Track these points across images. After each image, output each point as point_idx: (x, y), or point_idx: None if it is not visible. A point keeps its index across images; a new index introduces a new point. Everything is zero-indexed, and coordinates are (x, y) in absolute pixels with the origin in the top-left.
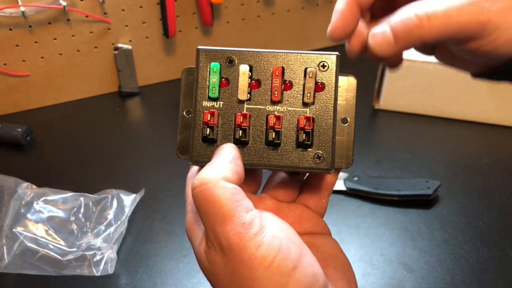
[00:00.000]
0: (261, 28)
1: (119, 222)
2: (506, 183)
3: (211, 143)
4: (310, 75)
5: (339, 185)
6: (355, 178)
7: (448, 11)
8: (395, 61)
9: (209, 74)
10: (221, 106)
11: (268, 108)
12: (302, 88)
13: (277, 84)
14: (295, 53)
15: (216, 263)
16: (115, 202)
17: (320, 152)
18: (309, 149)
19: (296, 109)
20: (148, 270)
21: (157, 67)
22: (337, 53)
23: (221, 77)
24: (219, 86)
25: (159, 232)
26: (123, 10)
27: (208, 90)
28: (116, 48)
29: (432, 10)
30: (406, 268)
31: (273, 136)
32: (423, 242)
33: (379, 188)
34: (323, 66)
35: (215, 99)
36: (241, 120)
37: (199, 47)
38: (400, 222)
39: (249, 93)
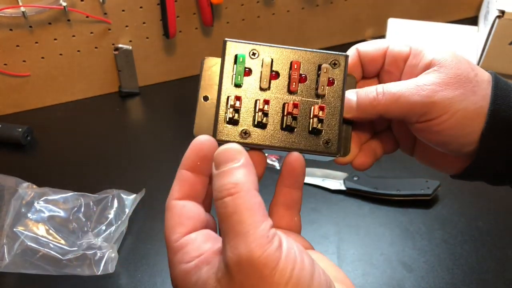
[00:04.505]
0: (261, 28)
1: (119, 222)
2: None
3: (235, 124)
4: (325, 71)
5: (339, 185)
6: (355, 178)
7: (401, 89)
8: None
9: (236, 63)
10: (243, 92)
11: (285, 97)
12: (315, 82)
13: (295, 76)
14: (310, 50)
15: (229, 284)
16: (115, 202)
17: (329, 138)
18: (319, 135)
19: (309, 99)
20: (148, 270)
21: (157, 67)
22: (347, 54)
23: (245, 67)
24: (243, 75)
25: (159, 232)
26: (123, 10)
27: (234, 77)
28: (117, 49)
29: (388, 88)
30: (405, 268)
31: (291, 121)
32: (423, 242)
33: (378, 188)
34: (335, 64)
35: (239, 86)
36: (263, 105)
37: (226, 39)
38: (400, 222)
39: (269, 83)
